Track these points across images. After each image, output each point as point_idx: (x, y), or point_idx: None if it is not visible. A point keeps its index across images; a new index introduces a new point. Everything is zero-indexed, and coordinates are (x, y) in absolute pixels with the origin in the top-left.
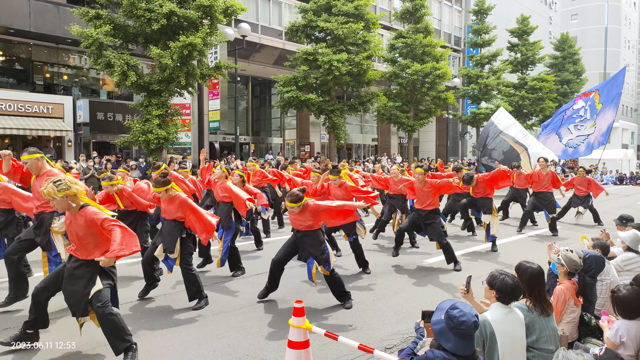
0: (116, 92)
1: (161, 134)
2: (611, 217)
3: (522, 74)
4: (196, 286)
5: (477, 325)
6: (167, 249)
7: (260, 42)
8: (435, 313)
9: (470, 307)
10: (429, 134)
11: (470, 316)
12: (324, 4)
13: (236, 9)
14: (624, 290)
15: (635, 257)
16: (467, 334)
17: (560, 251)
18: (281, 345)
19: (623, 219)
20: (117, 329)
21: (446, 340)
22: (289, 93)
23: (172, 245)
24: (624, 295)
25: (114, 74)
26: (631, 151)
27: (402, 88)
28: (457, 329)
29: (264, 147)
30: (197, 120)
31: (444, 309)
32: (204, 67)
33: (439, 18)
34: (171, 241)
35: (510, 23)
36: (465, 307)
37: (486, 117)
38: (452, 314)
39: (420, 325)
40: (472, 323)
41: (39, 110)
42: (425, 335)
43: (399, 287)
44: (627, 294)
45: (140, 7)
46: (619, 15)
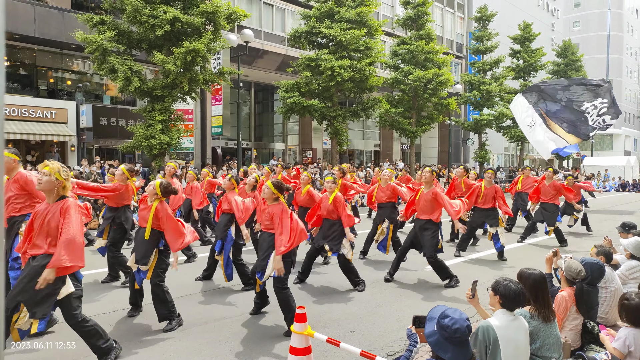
0: (119, 97)
1: (164, 139)
2: (614, 225)
3: (524, 80)
4: (166, 307)
5: (470, 328)
6: (140, 260)
7: (263, 48)
8: (426, 325)
9: (460, 312)
10: (431, 140)
11: (462, 322)
12: (326, 11)
13: (239, 16)
14: (637, 299)
15: (639, 265)
16: (463, 339)
17: (560, 257)
18: (283, 352)
19: (626, 226)
20: (93, 336)
21: (444, 351)
22: (292, 99)
23: (146, 256)
24: (636, 304)
25: (117, 80)
26: (634, 158)
27: (405, 94)
28: (452, 337)
29: (267, 153)
30: (200, 126)
31: (434, 319)
32: (207, 73)
33: (441, 25)
34: (145, 252)
35: (513, 30)
36: (454, 313)
37: (488, 124)
38: (444, 324)
39: (412, 332)
40: (465, 328)
41: (43, 115)
42: (418, 341)
43: (400, 294)
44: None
45: (144, 13)
46: (621, 22)
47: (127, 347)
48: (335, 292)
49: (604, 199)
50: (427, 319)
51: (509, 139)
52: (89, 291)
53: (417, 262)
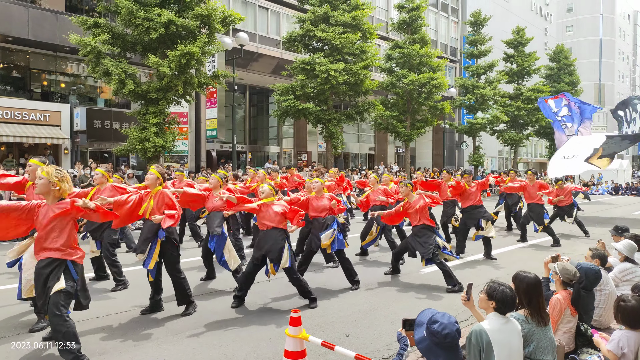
0: (114, 100)
1: (158, 142)
2: (607, 228)
3: (518, 84)
4: (183, 293)
5: (459, 332)
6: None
7: (258, 52)
8: (416, 330)
9: (449, 316)
10: (425, 143)
11: (452, 326)
12: (321, 14)
13: (234, 19)
14: (633, 301)
15: (632, 267)
16: (454, 344)
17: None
18: (278, 355)
19: (618, 229)
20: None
21: (435, 356)
22: (287, 102)
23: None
24: (633, 306)
25: (111, 82)
26: (626, 162)
27: (399, 98)
28: (442, 343)
29: (262, 156)
30: (195, 129)
31: (423, 324)
32: (201, 76)
33: (435, 29)
34: (145, 241)
35: (506, 34)
36: (443, 317)
37: (482, 127)
38: (434, 330)
39: (402, 335)
40: (455, 332)
41: (36, 118)
42: (408, 345)
43: (395, 297)
44: (636, 305)
45: (138, 16)
46: (613, 27)
47: (121, 350)
48: (331, 295)
49: (597, 202)
50: (416, 324)
51: (503, 143)
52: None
53: (413, 265)
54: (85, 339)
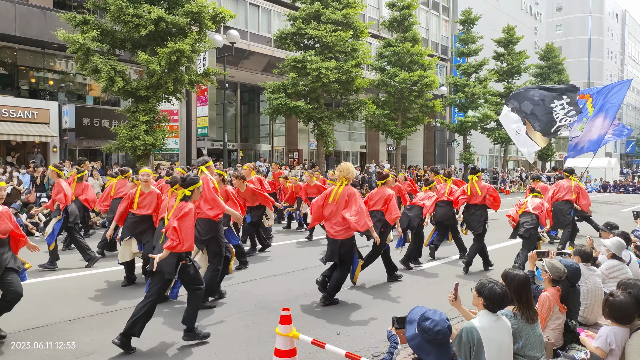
0: (103, 97)
1: (148, 140)
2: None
3: (508, 83)
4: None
5: (451, 329)
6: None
7: (249, 49)
8: (407, 328)
9: (440, 313)
10: (416, 141)
11: (443, 323)
12: (313, 12)
13: (225, 16)
14: (622, 296)
15: (619, 265)
16: (445, 340)
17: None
18: (268, 354)
19: (608, 226)
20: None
21: (427, 353)
22: (278, 100)
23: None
24: (620, 301)
25: (100, 80)
26: (615, 159)
27: (390, 96)
28: (434, 340)
29: (253, 154)
30: (185, 127)
31: (414, 321)
32: (192, 74)
33: (426, 27)
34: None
35: (497, 33)
36: (434, 314)
37: (473, 126)
38: (425, 327)
39: (392, 333)
40: (446, 329)
41: (24, 116)
42: (399, 343)
43: (386, 295)
44: (624, 300)
45: (128, 12)
46: (601, 26)
47: (110, 350)
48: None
49: None
50: (407, 321)
51: (493, 141)
52: (84, 290)
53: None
54: (89, 330)
